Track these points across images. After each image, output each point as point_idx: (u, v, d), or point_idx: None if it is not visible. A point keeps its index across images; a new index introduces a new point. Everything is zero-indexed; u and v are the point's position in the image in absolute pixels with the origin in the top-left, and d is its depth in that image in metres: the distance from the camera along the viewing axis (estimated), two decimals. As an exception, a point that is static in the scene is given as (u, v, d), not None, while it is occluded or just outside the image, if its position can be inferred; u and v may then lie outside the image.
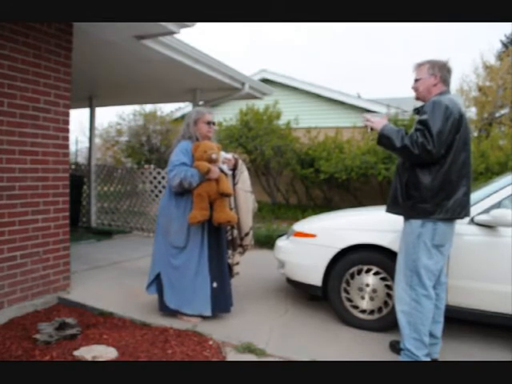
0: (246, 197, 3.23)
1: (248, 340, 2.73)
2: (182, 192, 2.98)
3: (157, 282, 3.09)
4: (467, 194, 2.38)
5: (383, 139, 2.42)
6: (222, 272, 3.10)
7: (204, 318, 3.06)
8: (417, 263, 2.38)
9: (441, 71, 2.43)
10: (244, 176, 3.24)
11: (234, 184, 3.18)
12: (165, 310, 3.08)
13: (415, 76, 2.51)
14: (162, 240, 3.09)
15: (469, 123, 2.45)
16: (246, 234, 3.27)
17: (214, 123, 3.12)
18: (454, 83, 13.07)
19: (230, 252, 3.24)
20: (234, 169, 3.18)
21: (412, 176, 2.38)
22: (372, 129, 2.50)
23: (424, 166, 2.33)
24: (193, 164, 2.98)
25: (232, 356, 2.57)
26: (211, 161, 2.95)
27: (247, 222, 3.25)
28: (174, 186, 2.95)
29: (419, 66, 2.49)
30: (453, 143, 2.30)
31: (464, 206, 2.37)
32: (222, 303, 3.08)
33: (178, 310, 3.04)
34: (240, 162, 3.24)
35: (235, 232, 3.23)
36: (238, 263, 3.30)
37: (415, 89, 2.52)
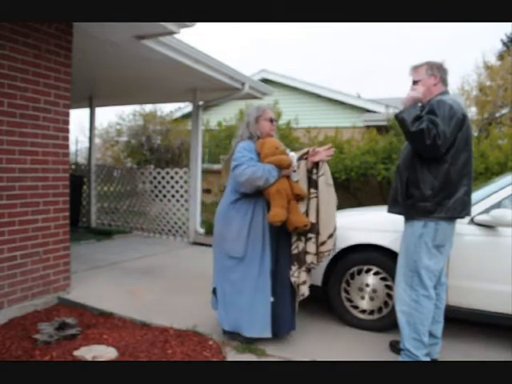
0: (329, 191, 2.75)
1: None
2: (249, 193, 2.65)
3: (215, 297, 2.84)
4: (468, 194, 2.39)
5: (405, 112, 2.31)
6: (283, 287, 2.72)
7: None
8: (418, 264, 2.38)
9: (439, 71, 2.45)
10: (326, 167, 2.78)
11: (318, 176, 2.72)
12: (224, 330, 2.79)
13: (413, 78, 2.51)
14: (218, 251, 2.79)
15: (471, 124, 2.45)
16: (330, 236, 2.71)
17: (276, 120, 2.81)
18: (456, 83, 13.09)
19: (293, 268, 2.71)
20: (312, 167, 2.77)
21: (412, 175, 2.39)
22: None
23: (425, 164, 2.34)
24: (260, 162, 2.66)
25: (232, 356, 2.58)
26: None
27: (332, 220, 2.73)
28: (243, 182, 2.59)
29: (416, 68, 2.50)
30: (454, 142, 2.30)
31: (465, 206, 2.37)
32: (282, 322, 2.72)
33: (232, 332, 2.73)
34: (311, 149, 2.77)
35: (301, 245, 2.72)
36: (304, 282, 2.73)
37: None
